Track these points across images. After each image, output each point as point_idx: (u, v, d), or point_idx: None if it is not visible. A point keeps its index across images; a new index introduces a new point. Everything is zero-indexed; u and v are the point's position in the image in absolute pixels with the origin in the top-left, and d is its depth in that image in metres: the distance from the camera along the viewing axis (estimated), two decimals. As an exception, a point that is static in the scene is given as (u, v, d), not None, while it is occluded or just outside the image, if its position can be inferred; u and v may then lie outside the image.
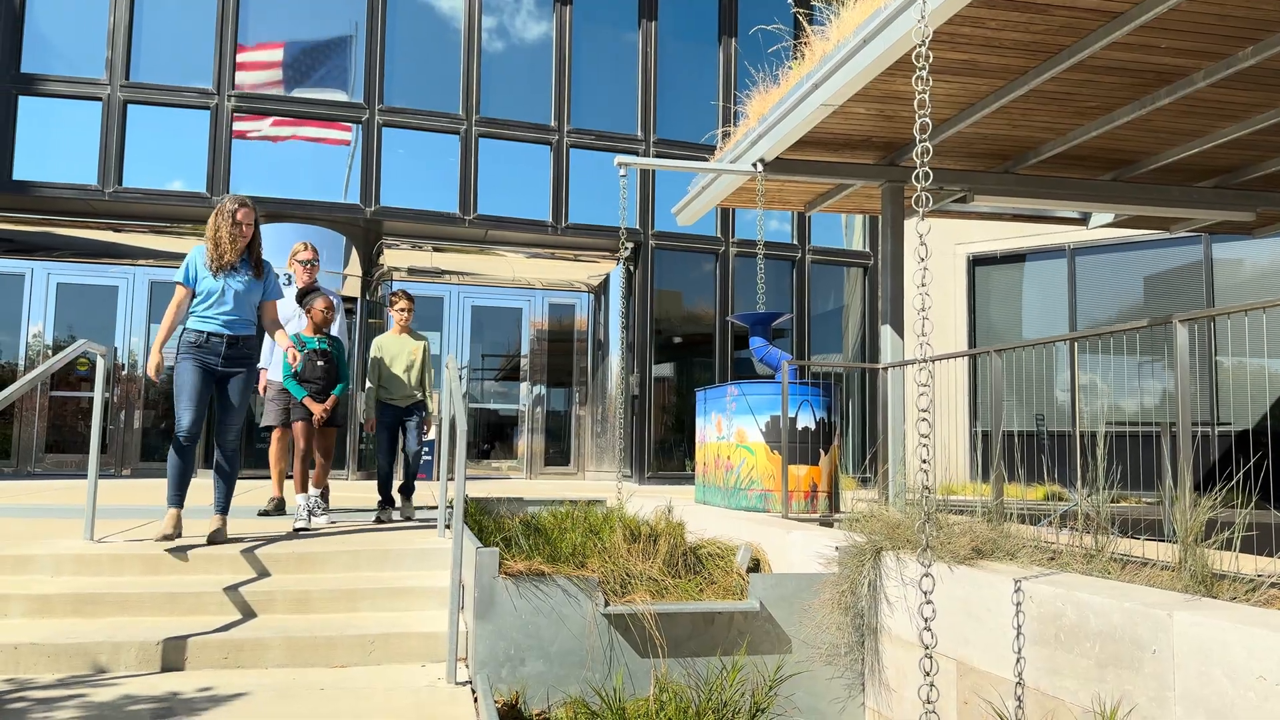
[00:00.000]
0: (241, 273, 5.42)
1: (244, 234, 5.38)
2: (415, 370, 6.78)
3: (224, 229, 5.29)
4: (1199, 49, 5.60)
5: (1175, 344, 4.22)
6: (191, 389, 5.18)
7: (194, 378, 5.20)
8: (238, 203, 5.39)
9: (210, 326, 5.29)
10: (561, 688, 4.10)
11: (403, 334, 6.85)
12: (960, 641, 3.69)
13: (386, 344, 6.80)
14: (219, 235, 5.30)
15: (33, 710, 3.55)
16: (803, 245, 13.64)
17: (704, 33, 13.30)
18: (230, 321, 5.34)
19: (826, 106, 6.31)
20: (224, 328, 5.32)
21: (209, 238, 5.33)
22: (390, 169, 11.85)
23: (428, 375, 6.96)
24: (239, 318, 5.39)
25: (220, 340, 5.30)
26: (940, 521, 4.01)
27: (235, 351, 5.38)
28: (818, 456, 6.57)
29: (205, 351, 5.27)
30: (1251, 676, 2.47)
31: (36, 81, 10.93)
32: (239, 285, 5.40)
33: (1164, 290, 11.77)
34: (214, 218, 5.36)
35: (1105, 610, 2.96)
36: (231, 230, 5.31)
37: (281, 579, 4.91)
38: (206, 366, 5.25)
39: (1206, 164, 7.74)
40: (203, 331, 5.27)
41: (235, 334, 5.36)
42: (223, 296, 5.32)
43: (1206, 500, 3.21)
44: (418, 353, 6.83)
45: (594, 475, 13.31)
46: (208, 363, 5.26)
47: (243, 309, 5.41)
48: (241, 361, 5.42)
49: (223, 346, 5.31)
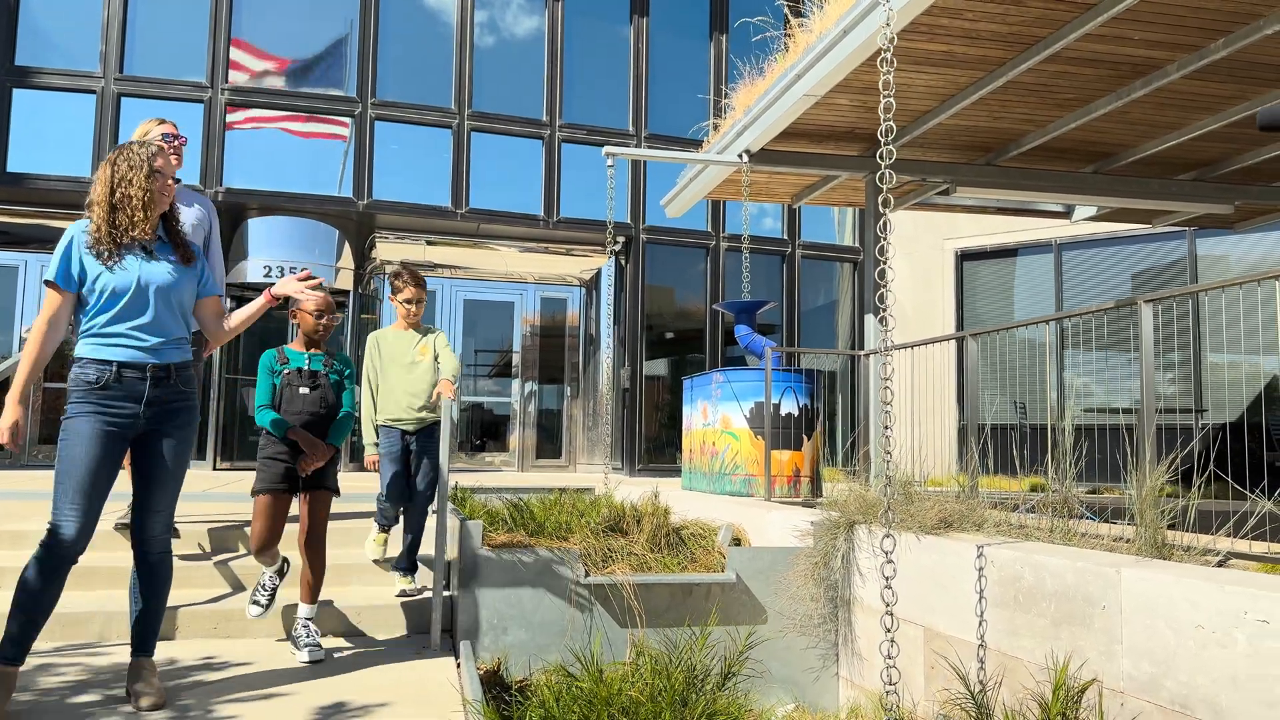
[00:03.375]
0: (160, 257, 3.38)
1: (167, 192, 3.42)
2: (425, 378, 4.96)
3: (136, 182, 3.30)
4: (1171, 41, 5.72)
5: (1141, 324, 4.35)
6: (87, 467, 3.17)
7: (93, 448, 3.17)
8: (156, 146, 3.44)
9: (120, 353, 3.25)
10: (543, 656, 4.22)
11: (408, 329, 5.06)
12: (927, 609, 3.81)
13: (387, 342, 5.04)
14: (126, 194, 3.29)
15: (33, 675, 3.65)
16: (793, 240, 13.76)
17: (695, 27, 13.42)
18: (156, 343, 3.32)
19: (809, 97, 6.43)
20: (146, 353, 3.30)
21: (100, 200, 3.29)
22: (383, 162, 11.95)
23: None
24: (168, 336, 3.36)
25: (140, 376, 3.27)
26: (911, 494, 4.13)
27: (166, 391, 3.33)
28: (800, 442, 6.69)
29: (114, 398, 3.23)
30: (1191, 627, 2.59)
31: (31, 74, 11.01)
32: (162, 277, 3.35)
33: (1149, 285, 11.90)
34: (109, 168, 3.32)
35: (1060, 570, 3.08)
36: (147, 184, 3.31)
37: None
38: (116, 423, 3.23)
39: (1185, 157, 7.87)
40: (108, 363, 3.23)
41: (164, 361, 3.33)
42: (137, 298, 3.29)
43: (1161, 467, 3.33)
44: (427, 352, 5.02)
45: (585, 468, 13.42)
46: (118, 417, 3.23)
47: (172, 317, 3.38)
48: (176, 406, 3.38)
49: (144, 385, 3.28)
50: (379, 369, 4.97)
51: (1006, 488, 7.66)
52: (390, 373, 4.97)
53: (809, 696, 4.45)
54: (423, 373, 4.97)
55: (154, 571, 3.41)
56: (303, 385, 4.19)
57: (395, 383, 4.95)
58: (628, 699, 3.30)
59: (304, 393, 4.17)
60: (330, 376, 4.25)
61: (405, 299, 5.02)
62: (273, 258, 11.41)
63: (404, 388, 4.92)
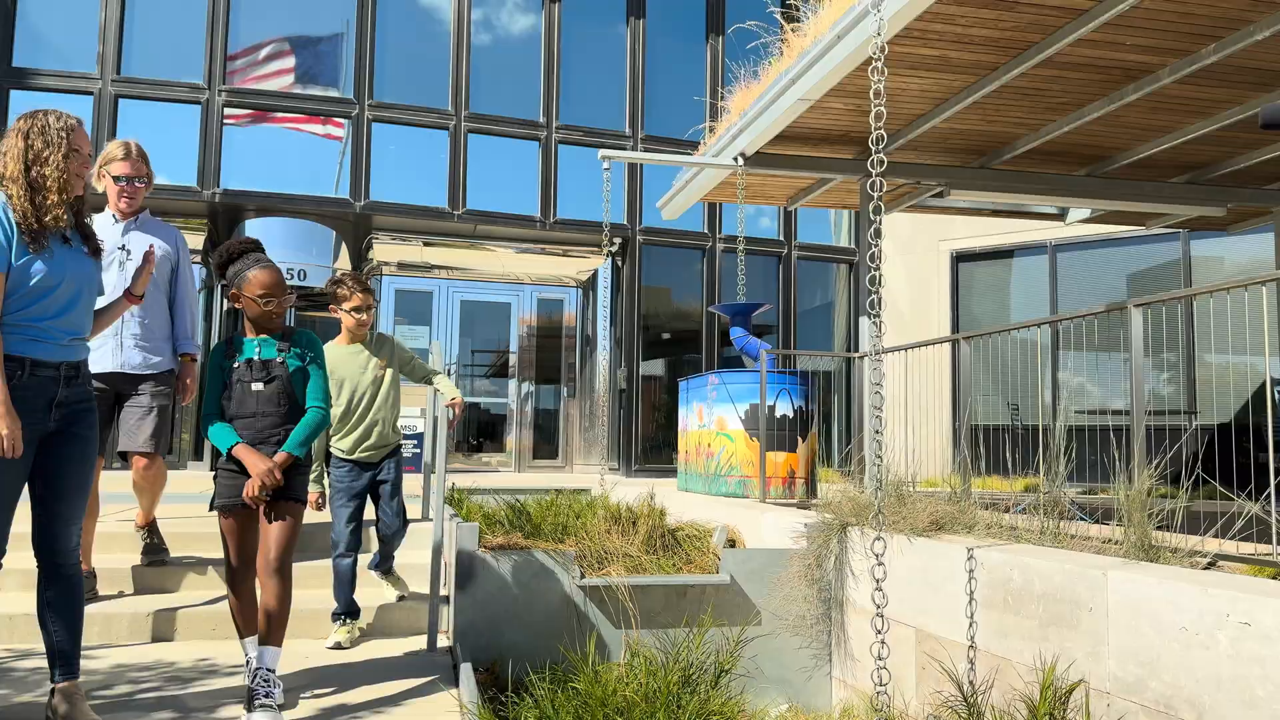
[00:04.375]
0: (75, 245, 3.12)
1: (83, 174, 3.13)
2: (383, 401, 4.36)
3: (53, 161, 2.97)
4: (1163, 46, 5.77)
5: (1131, 328, 4.40)
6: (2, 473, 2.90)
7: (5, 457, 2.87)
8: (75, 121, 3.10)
9: (35, 349, 2.98)
10: (539, 657, 4.26)
11: (355, 343, 4.40)
12: (919, 611, 3.86)
13: (340, 362, 4.30)
14: (42, 174, 2.95)
15: (30, 676, 3.69)
16: (789, 241, 13.81)
17: (692, 30, 13.46)
18: (70, 340, 3.10)
19: (804, 101, 6.47)
20: (61, 350, 3.06)
21: (15, 177, 2.95)
22: (380, 164, 11.99)
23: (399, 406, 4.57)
24: (80, 333, 3.17)
25: (54, 373, 3.03)
26: (903, 496, 4.17)
27: (76, 391, 3.12)
28: (795, 444, 6.73)
29: (29, 395, 2.95)
30: (1175, 628, 2.64)
31: (28, 75, 11.03)
32: (85, 270, 3.14)
33: (1144, 286, 11.96)
34: (20, 139, 2.98)
35: (1048, 573, 3.12)
36: (63, 163, 2.99)
37: (269, 556, 5.04)
38: (28, 428, 2.93)
39: (1178, 160, 7.92)
40: (21, 360, 2.95)
41: (76, 359, 3.13)
42: (64, 291, 3.04)
43: (1149, 470, 3.38)
44: (385, 372, 4.37)
45: (582, 469, 13.46)
46: (30, 421, 2.94)
47: (86, 314, 3.19)
48: (83, 408, 3.16)
49: (57, 386, 3.04)
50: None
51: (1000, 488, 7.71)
52: (349, 398, 4.28)
53: (802, 697, 4.49)
54: (386, 392, 4.37)
55: (74, 586, 3.11)
56: (254, 380, 3.34)
57: (360, 410, 4.28)
58: (623, 699, 3.34)
59: (257, 389, 3.35)
60: (289, 364, 3.39)
61: (353, 307, 4.31)
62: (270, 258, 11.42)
63: (372, 414, 4.30)
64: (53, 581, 3.08)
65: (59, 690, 3.07)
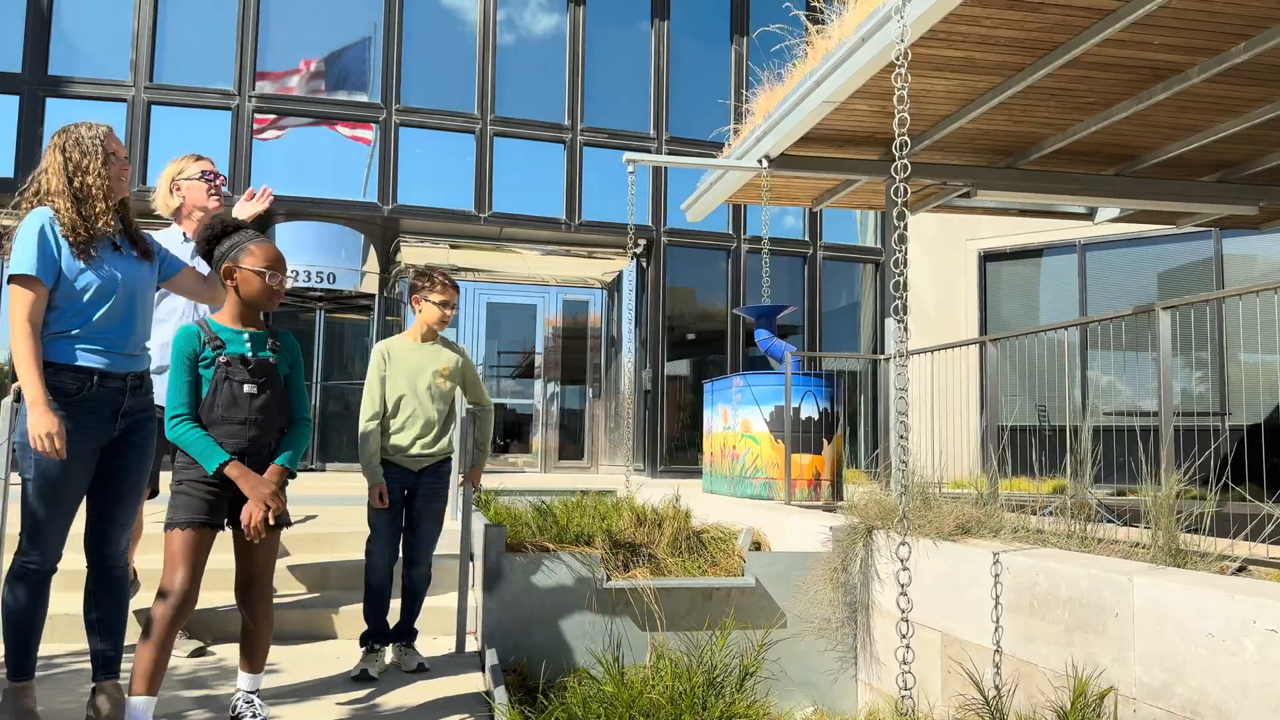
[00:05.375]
0: (125, 251, 3.09)
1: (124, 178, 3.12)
2: (443, 406, 4.08)
3: (93, 170, 3.00)
4: (1192, 45, 5.71)
5: (1159, 331, 4.37)
6: (69, 489, 2.96)
7: (76, 467, 2.93)
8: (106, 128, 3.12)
9: (102, 360, 2.99)
10: (565, 658, 4.30)
11: (429, 342, 4.12)
12: (944, 615, 3.86)
13: (403, 357, 4.05)
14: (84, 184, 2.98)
15: (71, 679, 3.78)
16: (815, 241, 13.78)
17: (716, 31, 13.47)
18: (134, 349, 3.11)
19: (828, 103, 6.47)
20: (130, 361, 3.08)
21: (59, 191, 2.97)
22: (407, 167, 12.10)
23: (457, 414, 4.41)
24: (143, 341, 3.17)
25: (120, 384, 3.04)
26: (929, 499, 4.17)
27: (141, 400, 3.15)
28: (821, 446, 6.74)
29: (97, 406, 2.98)
30: (1202, 635, 2.63)
31: (64, 84, 11.23)
32: (138, 276, 3.11)
33: (1175, 285, 11.83)
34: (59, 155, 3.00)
35: (1074, 577, 3.12)
36: (105, 171, 3.02)
37: (300, 557, 5.13)
38: (96, 439, 3.00)
39: (1208, 158, 7.84)
40: (89, 372, 2.96)
41: (141, 369, 3.16)
42: (121, 300, 3.03)
43: (1176, 475, 3.36)
44: (445, 380, 4.09)
45: (608, 469, 13.51)
46: (97, 431, 2.99)
47: (146, 321, 3.19)
48: (145, 416, 3.17)
49: (123, 396, 3.05)
50: (385, 386, 3.99)
51: (1028, 489, 7.67)
52: (402, 395, 3.99)
53: (827, 699, 4.50)
54: (442, 399, 4.08)
55: (120, 587, 3.17)
56: (248, 381, 2.90)
57: (412, 410, 3.98)
58: (648, 701, 3.37)
59: (250, 392, 2.90)
60: (281, 369, 3.03)
61: (441, 300, 4.04)
62: (300, 262, 11.58)
63: (424, 417, 4.00)
64: (100, 582, 3.14)
65: (101, 689, 3.11)
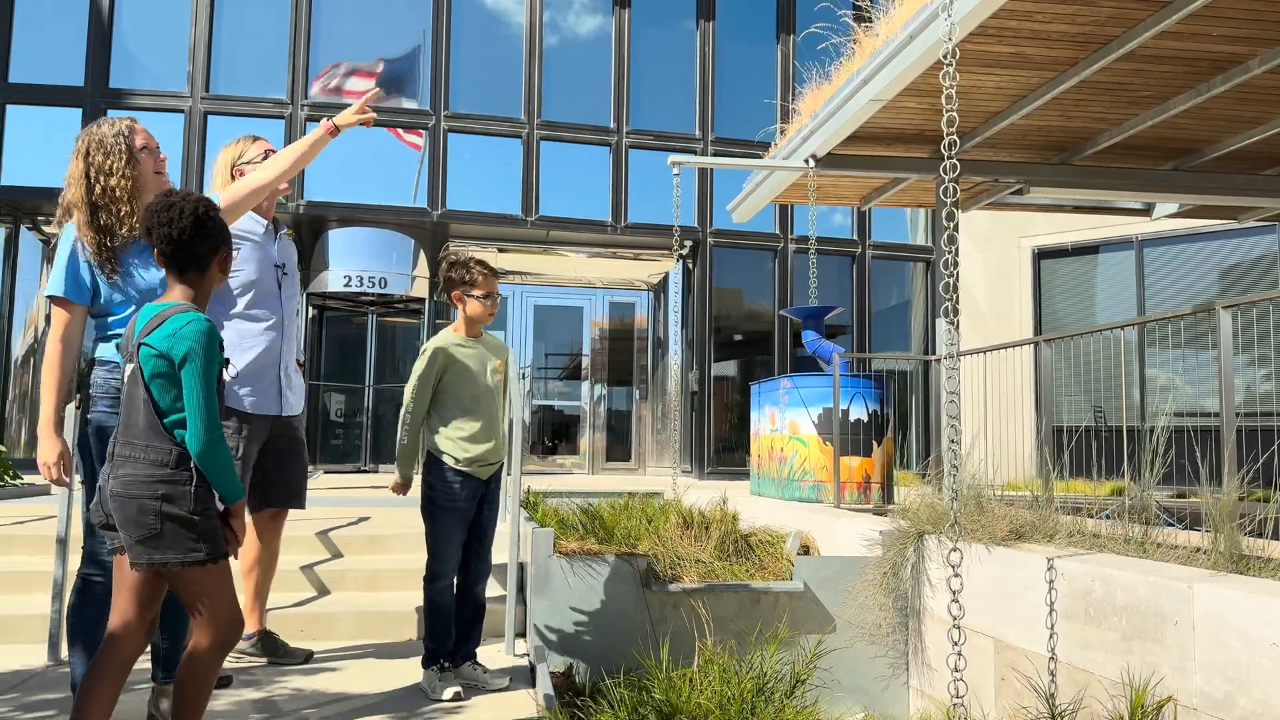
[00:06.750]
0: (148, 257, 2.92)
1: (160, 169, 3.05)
2: (497, 403, 3.83)
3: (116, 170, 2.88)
4: (1252, 36, 5.56)
5: (1219, 330, 4.26)
6: None
7: None
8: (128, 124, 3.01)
9: None
10: (612, 661, 4.31)
11: (473, 337, 3.82)
12: (997, 620, 3.80)
13: (458, 349, 3.74)
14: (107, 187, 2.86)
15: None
16: (863, 240, 13.65)
17: (762, 31, 13.41)
18: None
19: (876, 102, 6.40)
20: None
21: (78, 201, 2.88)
22: (455, 173, 12.23)
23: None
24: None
25: None
26: (982, 503, 4.11)
27: None
28: (870, 448, 6.67)
29: None
30: (1265, 644, 2.56)
31: (125, 95, 11.54)
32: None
33: (1236, 281, 11.50)
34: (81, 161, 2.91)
35: (1131, 585, 3.05)
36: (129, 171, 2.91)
37: (352, 559, 5.22)
38: None
39: (1271, 151, 7.61)
40: None
41: None
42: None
43: (1237, 478, 3.27)
44: (501, 378, 3.90)
45: (655, 471, 13.51)
46: None
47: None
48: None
49: None
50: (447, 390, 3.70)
51: (1085, 491, 7.50)
52: (467, 395, 3.70)
53: (878, 706, 4.46)
54: (500, 397, 3.85)
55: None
56: None
57: (481, 410, 3.70)
58: (696, 706, 3.37)
59: None
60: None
61: (484, 294, 3.78)
62: (352, 267, 11.77)
63: (494, 420, 3.74)
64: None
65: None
